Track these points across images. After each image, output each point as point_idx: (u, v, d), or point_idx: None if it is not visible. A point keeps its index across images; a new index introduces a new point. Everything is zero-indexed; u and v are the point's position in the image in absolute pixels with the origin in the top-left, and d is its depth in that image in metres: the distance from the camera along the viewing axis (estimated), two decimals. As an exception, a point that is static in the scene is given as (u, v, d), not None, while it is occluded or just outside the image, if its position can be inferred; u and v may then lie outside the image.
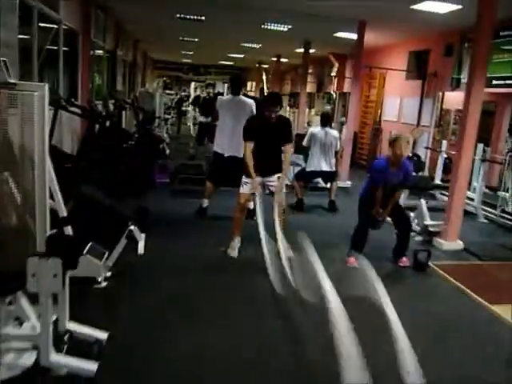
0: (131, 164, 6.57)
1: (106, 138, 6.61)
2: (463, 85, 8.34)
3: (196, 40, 13.02)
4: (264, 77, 18.23)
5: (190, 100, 21.42)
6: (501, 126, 7.89)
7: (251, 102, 5.72)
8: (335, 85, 14.20)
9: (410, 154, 9.17)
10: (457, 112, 9.00)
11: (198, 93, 10.57)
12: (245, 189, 4.58)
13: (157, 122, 11.91)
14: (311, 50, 12.14)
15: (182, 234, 5.29)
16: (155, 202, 6.40)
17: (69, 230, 3.46)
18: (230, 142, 5.59)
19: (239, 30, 10.73)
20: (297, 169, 7.40)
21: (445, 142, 7.98)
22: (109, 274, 3.82)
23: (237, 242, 4.67)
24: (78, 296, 3.14)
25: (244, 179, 4.59)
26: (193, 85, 22.75)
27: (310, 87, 17.08)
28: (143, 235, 4.61)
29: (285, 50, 13.77)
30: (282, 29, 9.78)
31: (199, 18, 9.15)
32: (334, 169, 6.94)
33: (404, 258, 4.76)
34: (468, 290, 4.27)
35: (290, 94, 18.26)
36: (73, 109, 5.56)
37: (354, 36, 9.83)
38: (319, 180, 7.65)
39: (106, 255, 3.62)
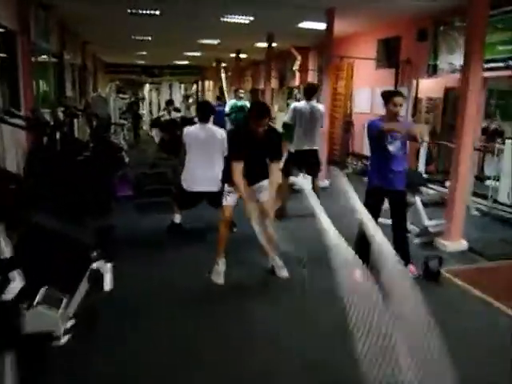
0: (88, 178, 5.76)
1: (57, 150, 5.78)
2: (440, 71, 7.93)
3: (149, 38, 12.16)
4: (223, 75, 17.47)
5: (147, 103, 20.58)
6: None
7: (221, 132, 5.01)
8: (298, 79, 13.67)
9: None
10: (428, 100, 8.60)
11: (163, 114, 9.80)
12: (229, 201, 3.92)
13: (112, 128, 11.03)
14: (273, 44, 11.56)
15: (157, 258, 4.55)
16: (120, 219, 5.63)
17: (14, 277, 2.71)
18: (199, 175, 4.93)
19: (197, 25, 9.95)
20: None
21: (426, 132, 7.50)
22: (70, 323, 3.06)
23: (221, 266, 3.99)
24: (31, 360, 2.41)
25: (227, 189, 3.93)
26: (147, 87, 21.77)
27: (272, 83, 16.49)
28: (109, 265, 3.85)
29: (245, 44, 13.10)
30: (243, 21, 9.10)
31: (153, 12, 8.36)
32: (316, 147, 6.22)
33: (411, 267, 4.18)
34: (491, 300, 3.76)
35: (250, 91, 17.60)
36: (14, 120, 4.71)
37: (319, 26, 9.33)
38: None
39: (64, 301, 2.87)
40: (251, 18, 8.89)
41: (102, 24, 10.11)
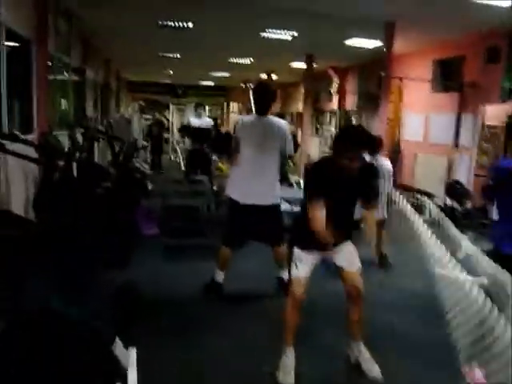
0: (108, 217, 4.76)
1: (72, 182, 4.80)
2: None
3: (178, 56, 11.32)
4: (251, 96, 16.59)
5: (171, 125, 19.70)
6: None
7: (284, 124, 4.03)
8: (336, 102, 12.69)
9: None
10: (490, 128, 7.47)
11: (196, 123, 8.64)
12: (300, 271, 2.84)
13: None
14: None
15: (192, 336, 3.43)
16: (145, 271, 4.59)
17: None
18: (250, 184, 3.88)
19: (231, 41, 9.07)
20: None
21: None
22: None
23: (290, 358, 2.86)
24: None
25: (297, 254, 2.85)
26: (171, 108, 20.99)
27: (301, 106, 15.54)
28: (133, 354, 2.79)
29: (279, 64, 12.18)
30: (284, 37, 8.17)
31: (185, 24, 7.46)
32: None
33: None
34: None
35: (277, 114, 16.66)
36: (16, 146, 3.72)
37: (369, 43, 8.38)
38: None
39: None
40: (294, 34, 7.95)
41: (129, 38, 9.28)
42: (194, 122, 8.70)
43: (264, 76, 14.35)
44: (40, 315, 2.20)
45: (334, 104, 12.96)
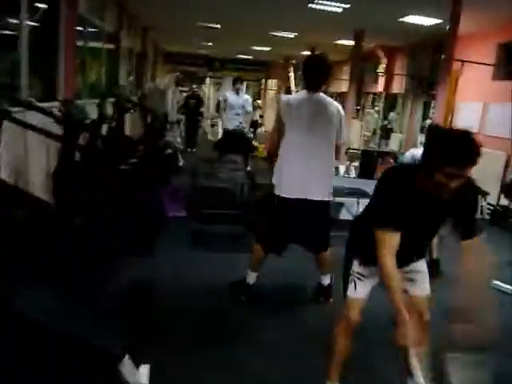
0: (133, 199, 4.34)
1: (94, 158, 4.37)
2: None
3: (218, 26, 10.73)
4: (291, 74, 15.90)
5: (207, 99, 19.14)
6: None
7: (337, 105, 3.46)
8: (381, 84, 11.92)
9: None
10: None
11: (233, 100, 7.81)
12: (359, 291, 2.32)
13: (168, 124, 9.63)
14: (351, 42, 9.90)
15: (221, 349, 2.96)
16: (167, 261, 4.17)
17: None
18: (302, 175, 3.35)
19: (274, 12, 8.41)
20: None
21: None
22: None
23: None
24: None
25: (357, 270, 2.34)
26: (207, 81, 20.49)
27: (344, 87, 14.78)
28: (144, 372, 2.35)
29: (324, 41, 11.43)
30: (335, 9, 7.50)
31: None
32: None
33: None
34: None
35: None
36: (34, 115, 3.30)
37: (429, 21, 7.65)
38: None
39: None
40: (345, 6, 7.26)
41: (168, 5, 8.74)
42: (232, 98, 8.01)
43: (307, 53, 13.62)
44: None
45: (379, 86, 12.20)
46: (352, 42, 10.06)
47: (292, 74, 15.71)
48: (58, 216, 3.46)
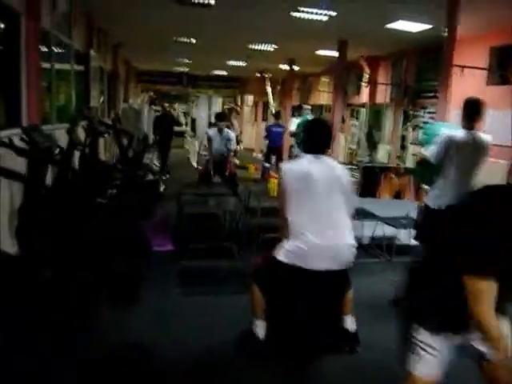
0: (112, 239, 3.72)
1: (69, 193, 3.75)
2: None
3: (194, 41, 10.19)
4: (269, 88, 15.44)
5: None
6: None
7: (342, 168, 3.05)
8: (365, 95, 11.54)
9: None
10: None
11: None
12: (424, 366, 1.78)
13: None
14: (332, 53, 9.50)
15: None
16: (153, 311, 3.55)
17: None
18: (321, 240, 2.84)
19: (256, 22, 7.88)
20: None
21: None
22: None
23: None
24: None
25: (422, 339, 1.78)
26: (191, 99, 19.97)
27: (326, 98, 14.41)
28: None
29: (303, 53, 11.03)
30: (319, 18, 7.05)
31: (207, 1, 6.36)
32: None
33: None
34: None
35: (294, 107, 15.43)
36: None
37: (415, 27, 7.30)
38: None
39: None
40: (331, 14, 6.82)
41: (140, 20, 8.17)
42: (215, 138, 7.41)
43: (284, 66, 13.21)
44: None
45: (363, 97, 11.82)
46: (333, 53, 9.66)
47: (269, 89, 15.26)
48: (23, 269, 2.83)
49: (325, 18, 7.07)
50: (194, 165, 11.36)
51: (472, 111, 3.83)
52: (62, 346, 2.70)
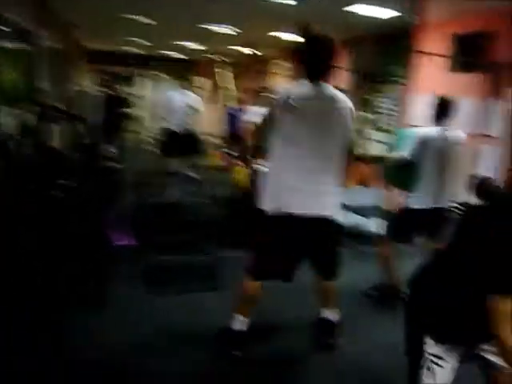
0: (69, 242, 3.42)
1: (16, 184, 3.41)
2: None
3: (147, 21, 9.71)
4: (218, 70, 15.11)
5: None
6: None
7: (346, 100, 2.81)
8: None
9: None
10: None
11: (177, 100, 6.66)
12: (438, 379, 1.68)
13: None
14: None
15: None
16: (118, 314, 3.31)
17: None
18: (298, 185, 2.60)
19: (211, 4, 7.59)
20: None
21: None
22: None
23: None
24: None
25: (431, 350, 1.69)
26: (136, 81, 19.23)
27: (282, 81, 14.21)
28: None
29: (261, 36, 10.79)
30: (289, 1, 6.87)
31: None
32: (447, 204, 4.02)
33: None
34: None
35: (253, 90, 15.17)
36: None
37: (378, 11, 7.20)
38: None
39: None
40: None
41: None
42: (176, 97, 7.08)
43: (242, 49, 12.92)
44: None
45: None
46: (295, 37, 9.47)
47: (219, 71, 14.92)
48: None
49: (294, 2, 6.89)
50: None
51: (444, 110, 3.84)
52: (23, 349, 2.47)
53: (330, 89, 2.73)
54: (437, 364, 1.68)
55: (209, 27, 10.10)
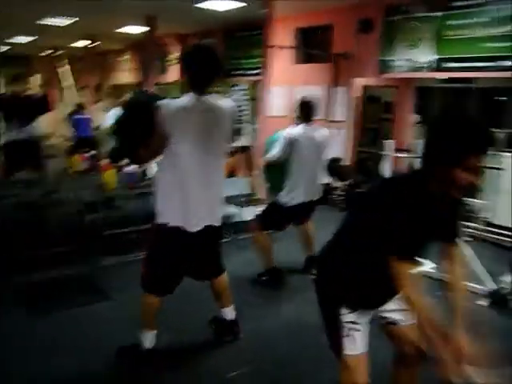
0: None
1: None
2: (398, 68, 6.52)
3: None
4: (64, 68, 13.97)
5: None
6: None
7: (230, 106, 2.74)
8: (174, 74, 11.29)
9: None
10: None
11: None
12: (359, 345, 1.83)
13: None
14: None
15: None
16: None
17: None
18: (197, 199, 2.58)
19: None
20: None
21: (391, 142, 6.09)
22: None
23: None
24: None
25: (349, 319, 1.83)
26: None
27: (128, 77, 13.77)
28: None
29: (104, 29, 10.24)
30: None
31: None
32: (317, 196, 4.27)
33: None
34: None
35: (97, 87, 14.27)
36: None
37: (225, 5, 7.32)
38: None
39: None
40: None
41: None
42: None
43: (84, 42, 12.11)
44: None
45: (171, 76, 11.55)
46: (141, 29, 9.17)
47: (65, 68, 13.86)
48: None
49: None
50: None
51: (308, 110, 4.01)
52: None
53: (213, 98, 2.65)
54: (354, 329, 1.81)
55: (48, 21, 9.27)
